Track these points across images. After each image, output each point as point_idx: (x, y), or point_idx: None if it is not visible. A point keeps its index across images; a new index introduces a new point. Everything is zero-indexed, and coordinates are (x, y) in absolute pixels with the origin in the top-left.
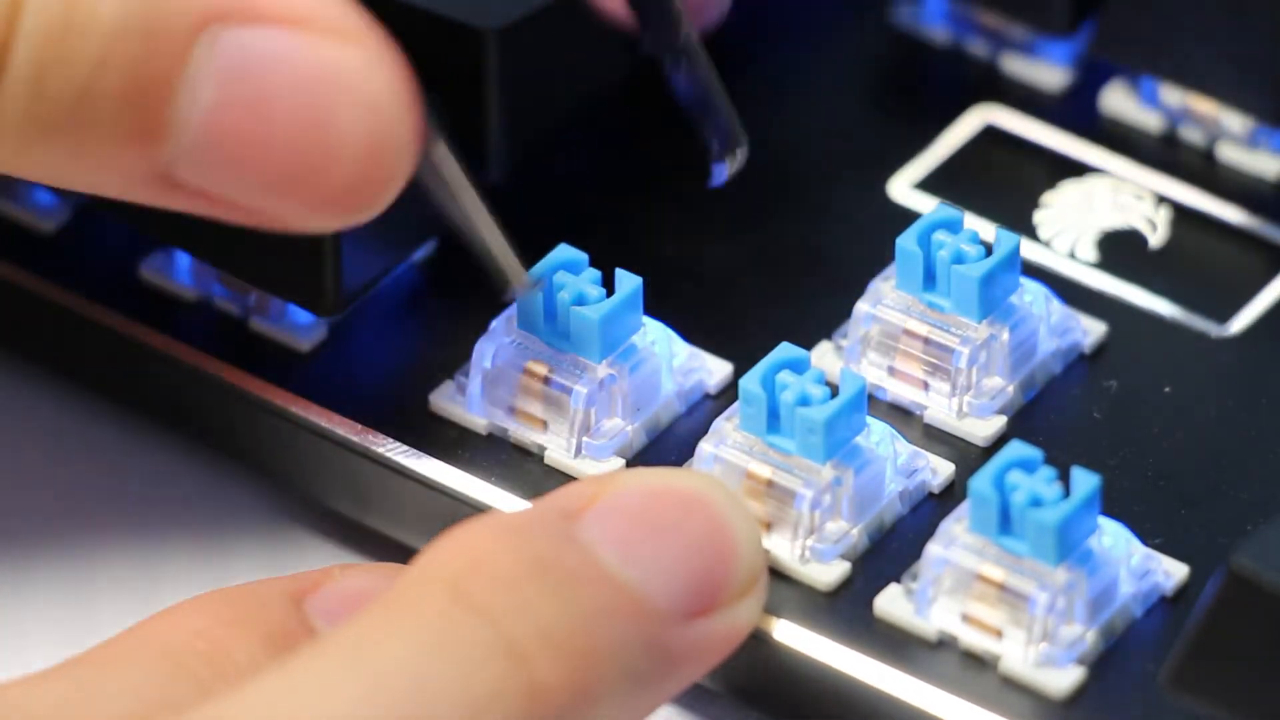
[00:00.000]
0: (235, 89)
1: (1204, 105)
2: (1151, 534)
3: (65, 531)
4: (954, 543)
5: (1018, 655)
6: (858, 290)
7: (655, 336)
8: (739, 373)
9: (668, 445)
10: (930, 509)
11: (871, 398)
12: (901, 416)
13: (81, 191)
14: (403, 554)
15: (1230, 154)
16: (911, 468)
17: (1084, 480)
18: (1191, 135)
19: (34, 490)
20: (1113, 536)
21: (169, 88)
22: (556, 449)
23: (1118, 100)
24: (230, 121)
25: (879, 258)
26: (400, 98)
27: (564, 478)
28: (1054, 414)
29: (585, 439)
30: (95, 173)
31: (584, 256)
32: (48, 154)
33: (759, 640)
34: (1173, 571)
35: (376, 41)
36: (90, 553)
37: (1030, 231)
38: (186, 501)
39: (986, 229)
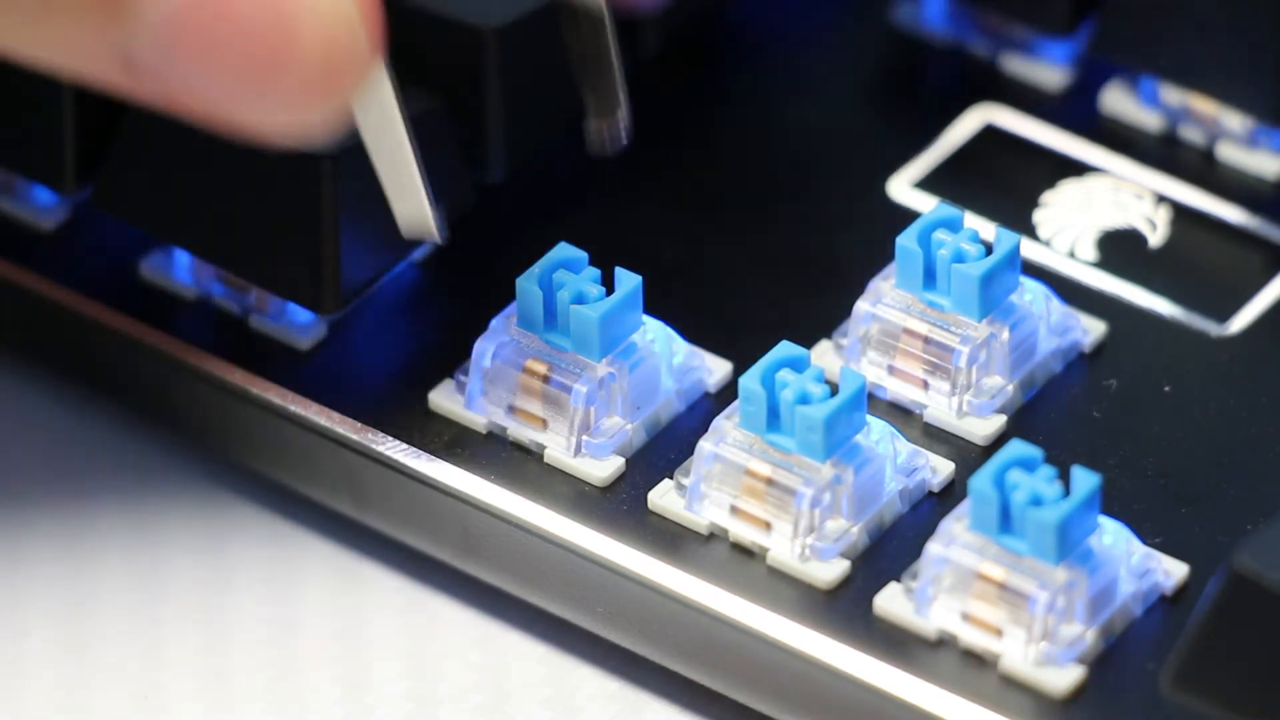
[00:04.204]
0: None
1: (1204, 105)
2: (1151, 533)
3: (64, 531)
4: (954, 541)
5: (1018, 654)
6: (858, 289)
7: (655, 335)
8: (739, 371)
9: (667, 443)
10: (930, 508)
11: (871, 396)
12: (901, 415)
13: (44, 69)
14: (404, 554)
15: (1230, 153)
16: (911, 466)
17: (1084, 479)
18: (1191, 135)
19: (33, 489)
20: (1113, 535)
21: None
22: (556, 447)
23: (1117, 100)
24: (192, 9)
25: (879, 257)
26: (358, 6)
27: (564, 476)
28: (1054, 413)
29: (585, 437)
30: (56, 49)
31: (584, 255)
32: (8, 26)
33: (759, 639)
34: (1173, 571)
35: None
36: (88, 553)
37: (1030, 231)
38: (185, 501)
39: (986, 228)
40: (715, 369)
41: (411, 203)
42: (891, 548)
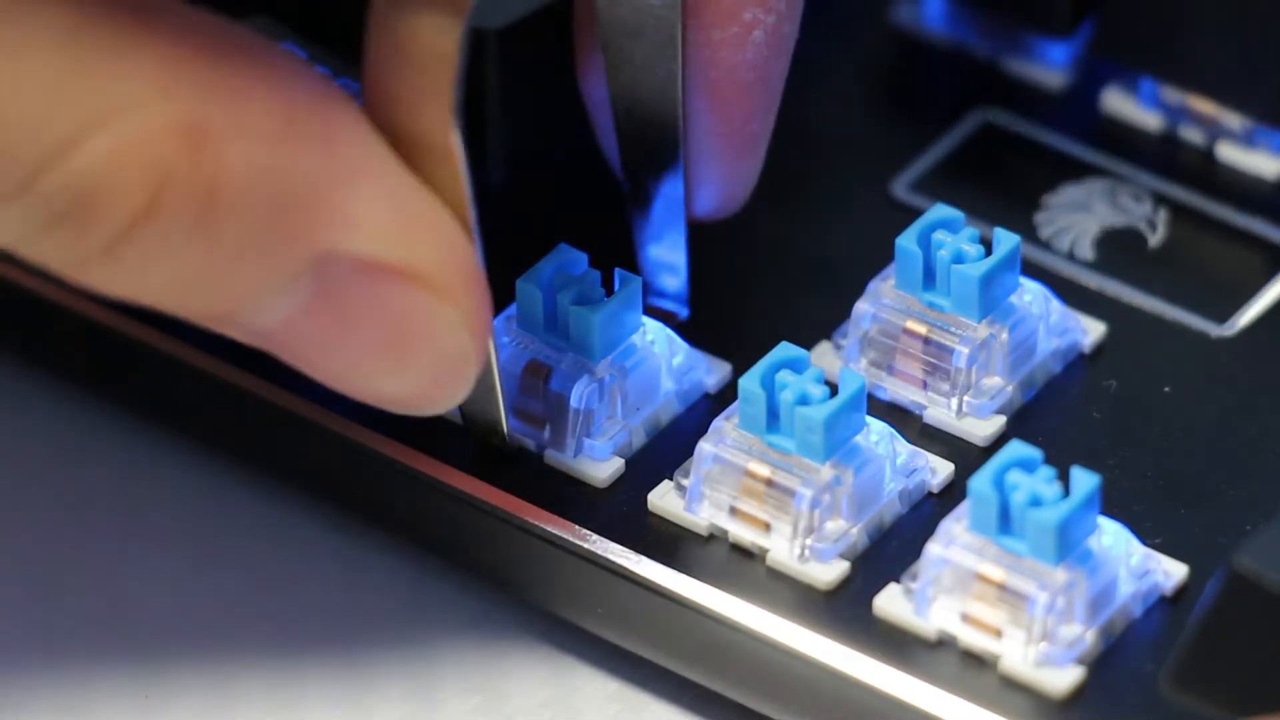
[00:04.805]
0: (326, 307)
1: (1203, 105)
2: (1151, 534)
3: (60, 528)
4: (953, 542)
5: (1017, 655)
6: (858, 290)
7: (654, 336)
8: (738, 372)
9: (667, 444)
10: (930, 508)
11: (871, 397)
12: (901, 416)
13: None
14: (401, 552)
15: (1230, 154)
16: (911, 467)
17: (1083, 480)
18: (1191, 135)
19: (32, 493)
20: (1112, 536)
21: (264, 291)
22: (556, 448)
23: (1117, 100)
24: (310, 326)
25: (879, 258)
26: (479, 344)
27: (562, 478)
28: (1053, 414)
29: (585, 439)
30: (171, 309)
31: (584, 256)
32: (131, 292)
33: (758, 640)
34: (1172, 571)
35: (474, 296)
36: (86, 551)
37: (1030, 231)
38: (183, 499)
39: (986, 229)
40: (715, 370)
41: (489, 412)
42: (891, 548)
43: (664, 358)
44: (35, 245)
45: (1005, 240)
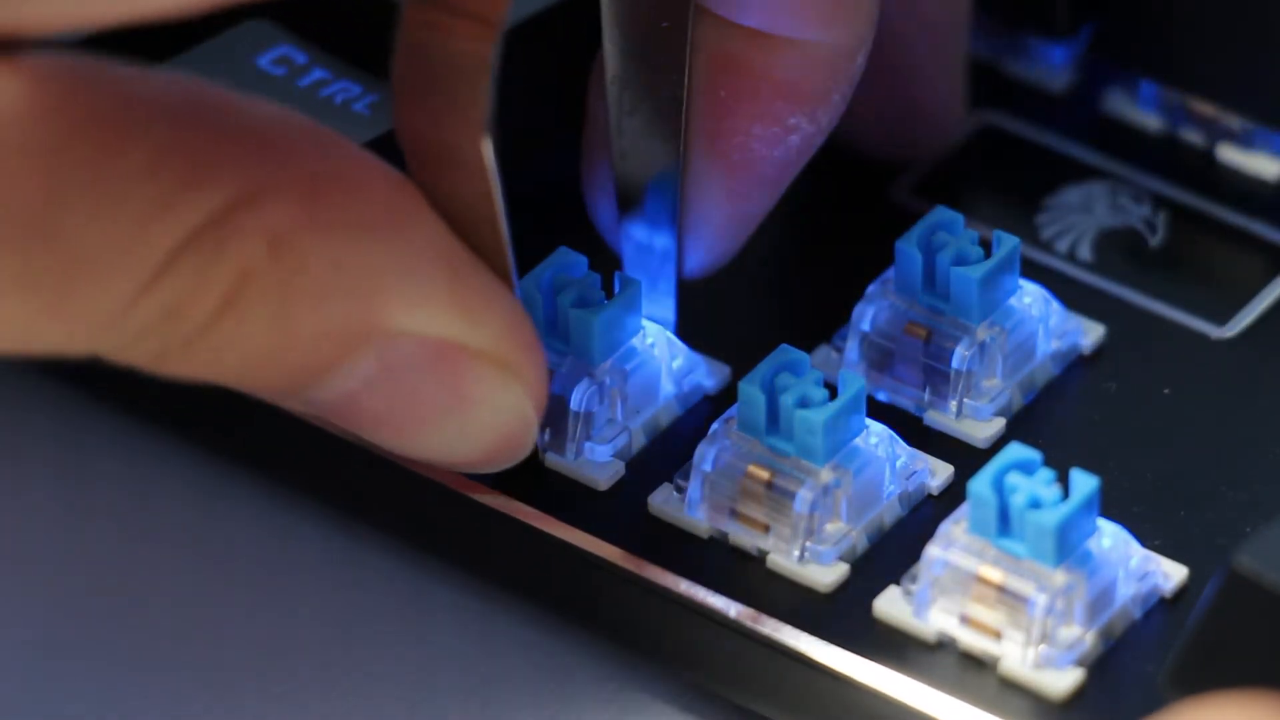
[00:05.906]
0: (388, 382)
1: (1203, 106)
2: (1150, 535)
3: (61, 533)
4: (953, 544)
5: (1017, 657)
6: (858, 292)
7: (654, 339)
8: (738, 375)
9: (667, 447)
10: (929, 511)
11: (870, 399)
12: (900, 418)
13: None
14: (398, 552)
15: (1230, 155)
16: (910, 469)
17: (1083, 482)
18: (1191, 136)
19: (32, 497)
20: (1112, 538)
21: (328, 370)
22: (555, 452)
23: (1118, 101)
24: (372, 400)
25: (879, 259)
26: (540, 408)
27: (563, 480)
28: (1053, 416)
29: (585, 442)
30: (235, 387)
31: (584, 259)
32: (202, 376)
33: (760, 641)
34: (1172, 573)
35: (533, 365)
36: (86, 551)
37: (1030, 233)
38: (184, 502)
39: (986, 231)
40: (715, 372)
41: None
42: (891, 551)
43: (664, 360)
44: (120, 352)
45: (1005, 242)
